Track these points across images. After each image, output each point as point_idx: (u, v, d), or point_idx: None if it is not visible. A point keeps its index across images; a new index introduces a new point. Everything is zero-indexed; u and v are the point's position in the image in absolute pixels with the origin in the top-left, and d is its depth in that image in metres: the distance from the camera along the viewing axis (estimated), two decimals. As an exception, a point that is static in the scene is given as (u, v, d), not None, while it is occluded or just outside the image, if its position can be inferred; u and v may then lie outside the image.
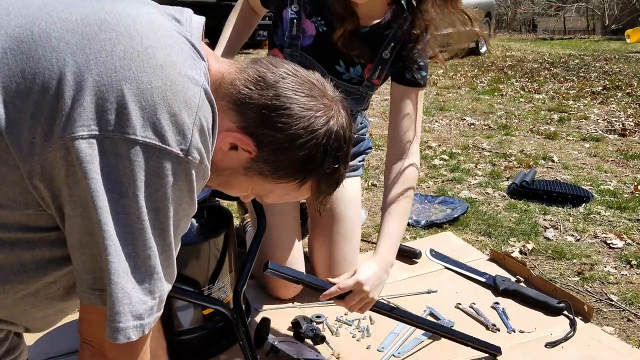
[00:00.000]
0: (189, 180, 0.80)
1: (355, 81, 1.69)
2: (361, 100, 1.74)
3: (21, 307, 0.87)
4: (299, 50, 1.65)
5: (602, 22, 17.15)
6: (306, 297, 1.94)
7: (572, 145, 4.11)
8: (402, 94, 1.67)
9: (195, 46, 0.86)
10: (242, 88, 0.87)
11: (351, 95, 1.67)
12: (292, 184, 0.94)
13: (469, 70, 8.09)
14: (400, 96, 1.67)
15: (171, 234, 0.81)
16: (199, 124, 0.80)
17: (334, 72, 1.66)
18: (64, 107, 0.74)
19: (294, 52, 1.66)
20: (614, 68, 8.39)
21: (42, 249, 0.82)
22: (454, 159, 3.71)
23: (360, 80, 1.69)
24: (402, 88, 1.66)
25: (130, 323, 0.78)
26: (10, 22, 0.78)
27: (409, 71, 1.64)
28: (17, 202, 0.78)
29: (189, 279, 1.52)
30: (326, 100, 0.91)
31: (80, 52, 0.76)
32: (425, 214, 2.70)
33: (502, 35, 16.83)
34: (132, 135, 0.75)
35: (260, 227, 1.55)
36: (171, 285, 0.85)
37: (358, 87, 1.69)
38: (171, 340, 1.27)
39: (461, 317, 1.85)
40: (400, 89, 1.67)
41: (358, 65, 1.66)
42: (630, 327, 1.85)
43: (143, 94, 0.76)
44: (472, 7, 9.04)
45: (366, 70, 1.67)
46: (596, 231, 2.57)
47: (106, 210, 0.74)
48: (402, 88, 1.66)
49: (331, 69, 1.65)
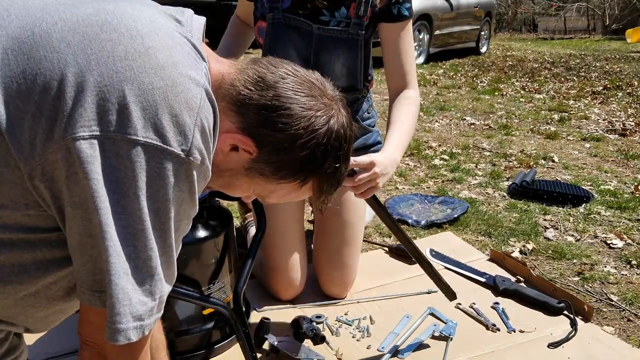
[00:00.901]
0: (190, 181, 0.80)
1: (343, 24, 1.67)
2: (355, 46, 1.70)
3: (21, 308, 0.87)
4: (281, 13, 1.66)
5: (602, 21, 17.15)
6: (306, 297, 1.94)
7: (573, 145, 4.11)
8: (393, 33, 1.68)
9: (196, 47, 0.86)
10: (242, 89, 0.87)
11: (343, 42, 1.67)
12: (293, 184, 0.94)
13: (469, 70, 8.08)
14: (392, 35, 1.68)
15: (172, 234, 0.81)
16: (200, 124, 0.80)
17: (320, 22, 1.66)
18: (65, 108, 0.74)
19: (276, 15, 1.65)
20: (615, 68, 8.39)
21: (43, 250, 0.82)
22: (454, 159, 3.71)
23: (347, 22, 1.66)
24: (391, 26, 1.67)
25: (130, 324, 0.78)
26: (11, 23, 0.78)
27: (394, 5, 1.64)
28: (18, 203, 0.78)
29: (189, 279, 1.52)
30: (326, 100, 0.91)
31: (81, 53, 0.76)
32: (425, 214, 2.70)
33: (503, 35, 16.83)
34: (133, 135, 0.75)
35: (260, 227, 1.55)
36: (171, 286, 0.85)
37: (347, 29, 1.66)
38: (171, 340, 1.27)
39: (461, 317, 1.85)
40: (390, 28, 1.68)
41: (342, 7, 1.65)
42: (630, 327, 1.85)
43: (144, 94, 0.76)
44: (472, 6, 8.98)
45: (351, 10, 1.65)
46: (596, 231, 2.57)
47: (107, 211, 0.74)
48: (391, 26, 1.67)
49: (316, 21, 1.65)
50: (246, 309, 1.76)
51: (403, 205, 2.80)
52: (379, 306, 1.92)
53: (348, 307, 1.90)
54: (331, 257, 1.93)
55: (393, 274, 2.13)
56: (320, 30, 1.65)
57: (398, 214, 2.67)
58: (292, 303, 1.92)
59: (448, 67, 8.23)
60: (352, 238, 1.94)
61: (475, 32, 9.75)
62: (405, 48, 1.69)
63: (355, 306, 1.91)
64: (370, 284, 2.04)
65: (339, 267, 1.92)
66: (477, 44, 9.99)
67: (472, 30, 9.63)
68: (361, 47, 1.70)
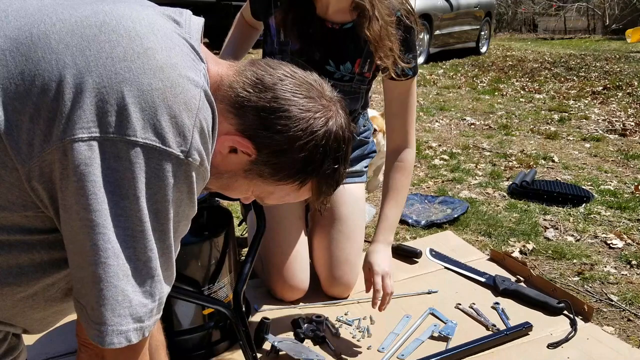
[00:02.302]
0: (189, 182, 0.80)
1: (347, 78, 1.72)
2: (356, 98, 1.77)
3: (19, 309, 0.87)
4: (290, 55, 1.69)
5: (602, 21, 17.14)
6: (306, 297, 1.94)
7: (573, 145, 4.11)
8: (396, 90, 1.73)
9: (195, 48, 0.86)
10: (241, 91, 0.87)
11: (346, 94, 1.69)
12: (292, 186, 0.94)
13: (469, 70, 8.08)
14: (396, 92, 1.73)
15: (171, 235, 0.81)
16: (199, 125, 0.80)
17: (325, 72, 1.69)
18: (63, 110, 0.74)
19: (284, 58, 1.68)
20: (615, 68, 8.39)
21: (41, 252, 0.82)
22: (454, 159, 3.71)
23: (351, 77, 1.72)
24: (396, 83, 1.71)
25: (130, 326, 0.78)
26: (9, 24, 0.78)
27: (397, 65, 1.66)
28: (16, 204, 0.77)
29: (189, 279, 1.52)
30: (324, 101, 0.91)
31: (79, 54, 0.76)
32: (425, 214, 2.70)
33: (503, 35, 16.83)
34: (132, 137, 0.75)
35: (260, 227, 1.55)
36: (171, 287, 0.85)
37: (350, 83, 1.73)
38: (171, 340, 1.27)
39: (461, 317, 1.85)
40: (394, 85, 1.72)
41: (347, 62, 1.70)
42: (630, 327, 1.85)
43: (143, 95, 0.76)
44: (472, 7, 8.96)
45: (356, 65, 1.70)
46: (596, 231, 2.57)
47: (105, 212, 0.74)
48: (396, 83, 1.71)
49: (322, 70, 1.67)
50: (246, 309, 1.76)
51: (403, 205, 2.80)
52: (379, 306, 1.92)
53: (348, 307, 1.90)
54: (330, 253, 1.90)
55: (393, 274, 2.12)
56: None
57: (398, 214, 2.68)
58: (292, 303, 1.92)
59: (448, 67, 8.23)
60: (350, 232, 1.91)
61: (475, 32, 9.75)
62: (409, 106, 1.74)
63: (355, 306, 1.91)
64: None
65: (340, 264, 1.90)
66: (477, 44, 9.99)
67: (472, 30, 9.63)
68: (362, 97, 1.80)
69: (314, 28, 1.65)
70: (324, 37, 1.66)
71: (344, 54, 1.69)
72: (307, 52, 1.68)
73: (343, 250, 1.90)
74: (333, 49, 1.68)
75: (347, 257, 1.90)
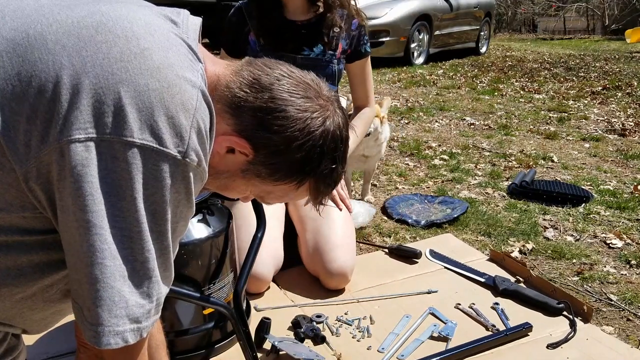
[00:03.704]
0: (187, 183, 0.80)
1: (320, 55, 2.08)
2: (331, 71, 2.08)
3: (18, 310, 0.87)
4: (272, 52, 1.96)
5: (602, 22, 17.13)
6: (306, 297, 1.94)
7: (572, 145, 4.11)
8: (357, 68, 2.19)
9: (192, 48, 0.85)
10: (238, 91, 0.87)
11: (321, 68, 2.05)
12: (290, 185, 0.94)
13: (469, 70, 8.08)
14: (358, 69, 2.19)
15: (169, 236, 0.81)
16: (196, 126, 0.80)
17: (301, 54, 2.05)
18: (60, 110, 0.74)
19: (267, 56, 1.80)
20: (614, 68, 8.39)
21: (39, 252, 0.82)
22: (454, 159, 3.71)
23: (324, 54, 2.08)
24: (358, 63, 2.17)
25: (127, 326, 0.78)
26: (6, 25, 0.78)
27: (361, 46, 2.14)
28: (14, 205, 0.77)
29: (189, 279, 1.52)
30: (322, 101, 0.91)
31: (76, 55, 0.75)
32: (425, 214, 2.70)
33: (502, 35, 16.82)
34: (129, 137, 0.74)
35: (260, 226, 1.55)
36: (169, 288, 0.85)
37: (323, 57, 2.08)
38: (171, 340, 1.27)
39: (461, 318, 1.85)
40: (354, 65, 2.18)
41: (319, 44, 2.06)
42: (629, 327, 1.85)
43: (140, 96, 0.76)
44: (472, 7, 8.97)
45: (326, 47, 2.08)
46: (596, 231, 2.57)
47: (101, 213, 0.74)
48: (358, 63, 2.17)
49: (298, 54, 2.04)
50: (246, 309, 1.76)
51: (403, 205, 2.80)
52: (378, 306, 1.92)
53: (348, 307, 1.90)
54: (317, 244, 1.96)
55: (393, 273, 2.13)
56: (303, 59, 2.04)
57: (398, 214, 2.68)
58: (292, 302, 1.92)
59: (448, 68, 8.23)
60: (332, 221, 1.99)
61: (475, 32, 9.74)
62: (367, 78, 2.23)
63: (355, 306, 1.91)
64: (370, 283, 2.04)
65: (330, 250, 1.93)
66: (477, 44, 9.98)
67: (472, 31, 9.62)
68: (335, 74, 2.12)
69: (285, 28, 2.02)
70: (296, 33, 2.03)
71: (315, 41, 2.05)
72: (284, 47, 2.02)
73: (329, 237, 1.96)
74: (304, 39, 2.04)
75: (335, 242, 1.95)
